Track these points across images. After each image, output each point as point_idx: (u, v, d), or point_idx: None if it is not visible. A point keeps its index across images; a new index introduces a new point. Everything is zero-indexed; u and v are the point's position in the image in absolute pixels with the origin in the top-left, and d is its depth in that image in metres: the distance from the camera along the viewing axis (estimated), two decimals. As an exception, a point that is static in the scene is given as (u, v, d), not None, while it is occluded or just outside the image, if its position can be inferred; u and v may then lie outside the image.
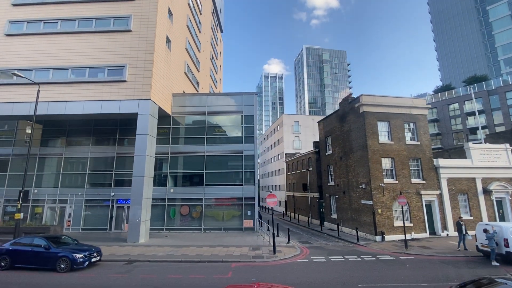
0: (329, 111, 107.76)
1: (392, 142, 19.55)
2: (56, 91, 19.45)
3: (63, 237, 12.91)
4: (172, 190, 22.06)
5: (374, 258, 13.57)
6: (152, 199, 19.78)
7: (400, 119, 20.07)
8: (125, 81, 19.36)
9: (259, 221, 21.82)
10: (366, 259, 13.49)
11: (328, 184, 25.07)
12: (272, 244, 16.46)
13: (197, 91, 32.11)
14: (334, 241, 18.85)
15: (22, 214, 15.39)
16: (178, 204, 22.02)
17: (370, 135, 19.27)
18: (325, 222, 25.54)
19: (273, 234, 14.59)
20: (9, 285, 9.64)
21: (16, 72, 19.60)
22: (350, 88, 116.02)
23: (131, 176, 21.95)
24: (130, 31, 20.25)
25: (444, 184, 19.80)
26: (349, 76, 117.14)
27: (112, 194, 21.92)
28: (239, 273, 11.02)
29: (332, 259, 13.39)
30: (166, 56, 22.19)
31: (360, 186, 19.67)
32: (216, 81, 46.22)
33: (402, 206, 16.62)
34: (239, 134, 22.99)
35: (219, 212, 21.84)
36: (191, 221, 21.74)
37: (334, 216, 23.95)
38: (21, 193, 15.35)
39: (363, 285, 9.53)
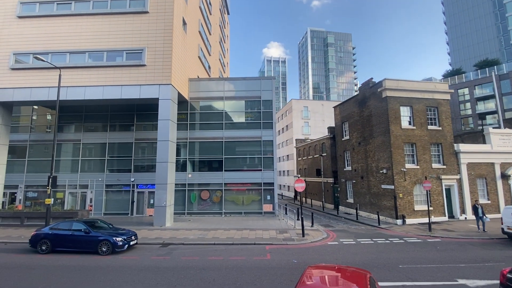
0: (333, 96, 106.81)
1: (414, 127, 19.50)
2: (75, 75, 19.09)
3: (98, 222, 13.13)
4: (190, 176, 22.21)
5: (402, 241, 13.91)
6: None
7: (422, 104, 19.90)
8: (144, 65, 18.98)
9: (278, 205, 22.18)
10: (394, 241, 13.83)
11: (344, 169, 25.25)
12: (296, 227, 16.92)
13: (209, 76, 31.59)
14: (354, 225, 19.26)
15: (52, 199, 15.56)
16: (198, 189, 22.28)
17: (393, 120, 19.18)
18: (340, 206, 25.95)
19: (301, 218, 14.88)
20: (60, 268, 9.90)
21: (32, 56, 19.28)
22: (355, 72, 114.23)
23: (151, 162, 22.25)
24: (147, 12, 19.60)
25: (464, 169, 19.96)
26: (354, 60, 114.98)
27: (133, 179, 22.11)
28: (276, 255, 11.32)
29: (362, 242, 13.73)
30: (183, 39, 21.63)
31: (381, 171, 19.82)
32: (224, 65, 45.36)
33: (427, 191, 16.82)
34: (258, 120, 22.85)
35: (239, 197, 22.14)
36: (212, 206, 22.09)
37: (351, 200, 24.32)
38: (50, 179, 15.46)
39: (403, 266, 9.81)
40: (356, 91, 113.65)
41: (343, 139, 25.62)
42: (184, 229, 16.60)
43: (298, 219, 20.05)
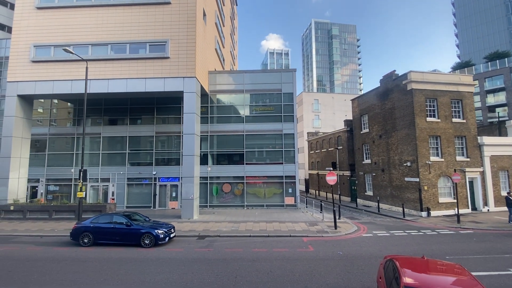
0: (337, 89, 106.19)
1: (439, 120, 19.46)
2: (97, 68, 18.86)
3: (135, 214, 13.18)
4: (209, 169, 22.22)
5: (435, 232, 14.05)
6: (197, 177, 20.03)
7: (447, 97, 19.81)
8: (168, 57, 18.75)
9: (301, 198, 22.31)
10: (428, 233, 13.97)
11: (363, 162, 25.30)
12: (324, 220, 17.06)
13: (223, 68, 31.29)
14: (378, 217, 19.41)
15: (83, 192, 15.60)
16: (220, 182, 22.35)
17: (418, 113, 19.11)
18: (357, 199, 26.10)
19: (333, 210, 14.97)
20: (110, 260, 9.97)
21: (53, 48, 19.03)
22: (359, 65, 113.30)
23: (172, 155, 22.27)
24: (169, 3, 19.24)
25: (487, 162, 20.02)
26: (359, 53, 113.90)
27: (154, 172, 22.14)
28: (318, 247, 11.43)
29: (395, 234, 13.86)
30: (203, 31, 21.34)
31: (405, 164, 19.87)
32: (234, 58, 44.91)
33: (455, 184, 16.91)
34: (278, 113, 22.75)
35: (260, 190, 22.24)
36: (234, 198, 22.20)
37: (370, 193, 24.46)
38: (81, 172, 15.46)
39: (450, 257, 9.92)
40: (360, 83, 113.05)
41: (361, 132, 25.59)
42: (214, 222, 16.72)
43: (321, 212, 20.23)
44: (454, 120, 19.82)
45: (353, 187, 27.66)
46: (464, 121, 19.97)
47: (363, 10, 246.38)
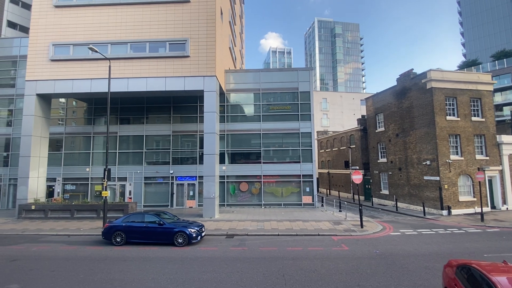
0: (341, 88, 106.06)
1: (459, 119, 19.47)
2: (117, 67, 18.78)
3: (164, 213, 13.17)
4: (224, 168, 22.19)
5: (462, 231, 14.08)
6: (216, 176, 20.01)
7: (466, 95, 19.81)
8: (188, 56, 18.69)
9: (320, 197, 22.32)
10: (455, 231, 13.99)
11: (378, 161, 25.31)
12: (347, 218, 17.09)
13: (235, 67, 31.22)
14: (398, 216, 19.43)
15: (108, 191, 15.58)
16: (237, 181, 22.35)
17: (438, 111, 19.11)
18: (372, 198, 26.12)
19: (360, 210, 14.96)
20: (150, 259, 9.96)
21: (72, 46, 18.98)
22: (362, 64, 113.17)
23: (189, 154, 22.27)
24: (188, 1, 19.17)
25: (505, 160, 20.06)
26: (362, 51, 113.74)
27: (171, 171, 22.12)
28: (352, 246, 11.43)
29: (423, 232, 13.88)
30: (221, 30, 21.28)
31: (424, 163, 19.88)
32: (242, 57, 44.82)
33: (479, 182, 16.95)
34: (295, 112, 22.72)
35: (277, 189, 22.24)
36: (251, 197, 22.20)
37: (385, 192, 24.49)
38: (105, 171, 15.43)
39: (488, 255, 9.95)
40: (363, 82, 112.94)
41: (376, 131, 25.58)
42: (237, 221, 16.72)
43: (340, 211, 20.28)
44: (473, 118, 19.83)
45: (367, 186, 27.68)
46: (483, 119, 19.99)
47: (363, 9, 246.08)
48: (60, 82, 19.06)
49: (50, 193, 22.68)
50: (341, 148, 32.66)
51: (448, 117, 19.30)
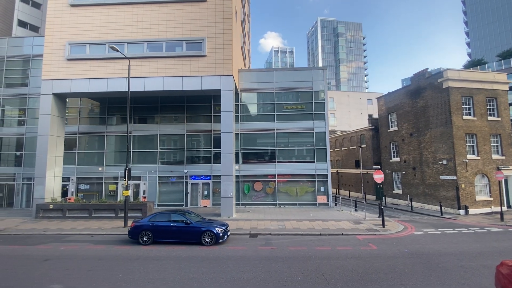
0: (343, 87, 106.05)
1: (475, 118, 19.48)
2: (133, 66, 18.63)
3: (189, 213, 13.17)
4: (237, 167, 22.15)
5: (485, 230, 14.10)
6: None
7: (482, 95, 19.82)
8: (204, 55, 18.68)
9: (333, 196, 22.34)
10: (477, 231, 14.01)
11: (391, 160, 25.32)
12: (367, 218, 17.10)
13: (245, 66, 31.19)
14: (415, 215, 19.44)
15: (129, 191, 15.58)
16: (251, 180, 22.35)
17: (455, 111, 19.12)
18: (385, 197, 26.11)
19: (381, 209, 15.02)
20: (183, 258, 9.95)
21: (88, 46, 18.96)
22: (365, 63, 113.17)
23: (203, 154, 22.28)
24: (205, 1, 19.13)
25: (521, 160, 20.07)
26: (364, 51, 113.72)
27: (186, 171, 22.12)
28: (379, 245, 11.43)
29: (446, 232, 13.89)
30: (235, 29, 21.25)
31: (440, 162, 19.89)
32: (250, 56, 44.77)
33: (498, 182, 16.96)
34: (309, 111, 22.71)
35: (292, 188, 22.24)
36: (265, 197, 22.21)
37: (398, 191, 24.50)
38: (126, 171, 15.43)
39: (520, 255, 9.96)
40: (366, 81, 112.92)
41: (389, 130, 25.59)
42: (256, 220, 16.72)
43: (355, 210, 20.29)
44: (489, 118, 19.85)
45: (378, 186, 27.68)
46: (499, 119, 20.00)
47: (362, 8, 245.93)
48: (77, 81, 19.03)
49: (64, 192, 22.65)
50: (350, 147, 32.68)
51: (464, 117, 19.31)
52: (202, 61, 18.72)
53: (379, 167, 16.38)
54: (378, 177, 14.88)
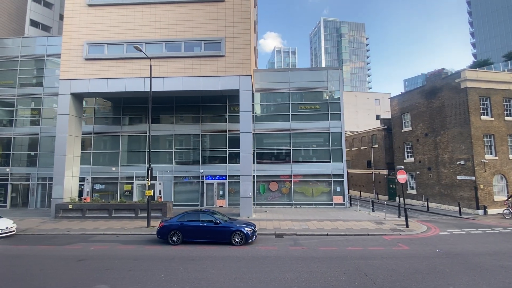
0: (346, 87, 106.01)
1: (493, 119, 19.51)
2: (152, 66, 18.59)
3: (215, 213, 13.15)
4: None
5: (509, 230, 14.13)
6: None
7: (499, 95, 19.85)
8: (223, 56, 18.68)
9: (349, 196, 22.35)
10: (502, 231, 14.03)
11: (404, 160, 25.32)
12: (387, 218, 17.10)
13: (256, 67, 31.20)
14: (433, 216, 19.44)
15: (152, 191, 15.58)
16: (266, 180, 22.36)
17: (473, 111, 19.14)
18: (399, 198, 26.07)
19: (405, 209, 14.99)
20: (219, 258, 9.94)
21: (106, 45, 18.96)
22: (368, 63, 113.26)
23: (218, 154, 22.31)
24: (223, 1, 19.15)
25: (538, 160, 20.08)
26: (368, 51, 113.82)
27: (201, 171, 22.12)
28: (409, 245, 11.43)
29: (471, 232, 13.91)
30: (251, 29, 21.24)
31: (458, 162, 19.91)
32: (257, 56, 44.77)
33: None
34: (325, 111, 22.72)
35: (308, 188, 22.25)
36: (281, 197, 22.22)
37: (412, 191, 24.51)
38: (148, 171, 15.44)
39: (555, 255, 9.97)
40: (369, 82, 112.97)
41: (402, 131, 25.60)
42: (276, 220, 16.72)
43: (373, 210, 20.30)
44: (506, 118, 19.88)
45: (391, 186, 27.71)
46: (516, 119, 20.01)
47: (362, 8, 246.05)
48: (95, 81, 19.02)
49: (79, 192, 22.59)
50: (361, 147, 32.70)
51: (482, 117, 19.34)
52: (220, 61, 18.72)
53: (402, 167, 16.42)
54: (401, 177, 14.89)
